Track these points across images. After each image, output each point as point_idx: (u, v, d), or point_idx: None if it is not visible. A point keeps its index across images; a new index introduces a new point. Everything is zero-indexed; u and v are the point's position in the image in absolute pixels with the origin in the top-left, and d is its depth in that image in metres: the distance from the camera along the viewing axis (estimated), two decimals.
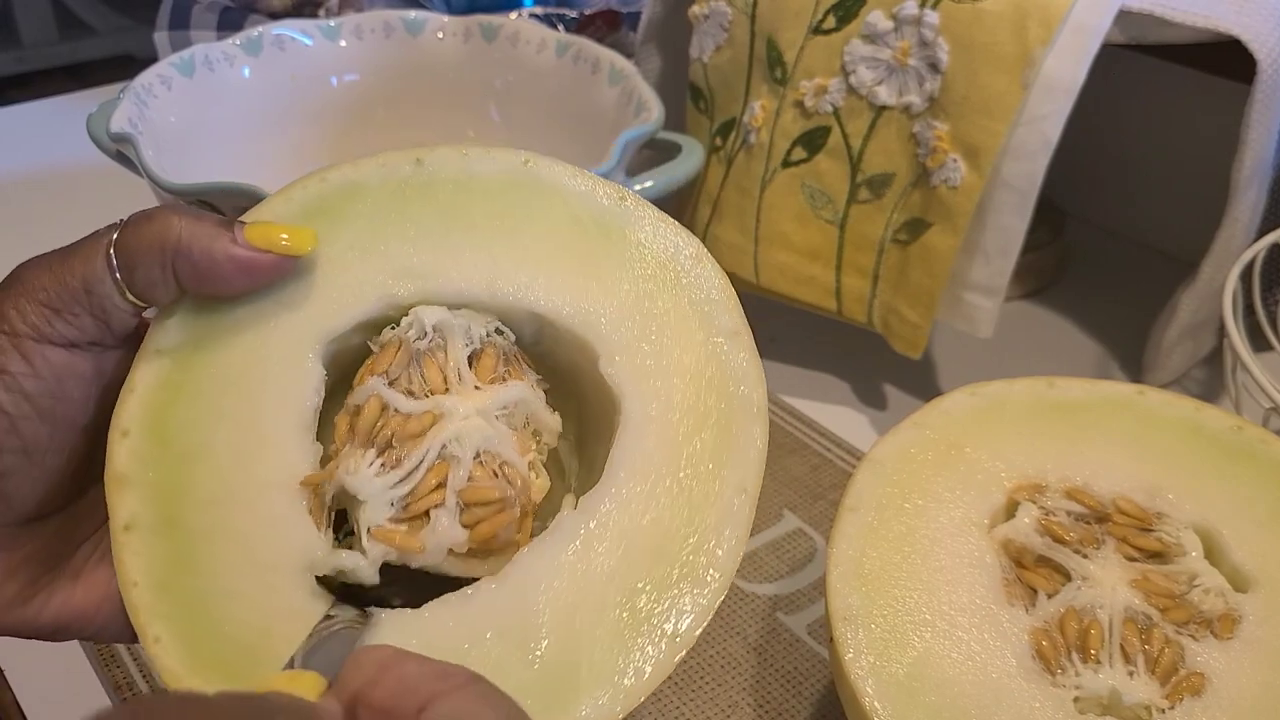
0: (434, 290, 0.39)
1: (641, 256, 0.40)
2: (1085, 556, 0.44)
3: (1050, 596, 0.42)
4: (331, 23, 0.76)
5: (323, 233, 0.38)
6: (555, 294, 0.39)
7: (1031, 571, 0.43)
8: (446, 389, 0.38)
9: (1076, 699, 0.40)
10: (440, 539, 0.36)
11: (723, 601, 0.47)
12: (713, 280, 0.41)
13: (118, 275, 0.35)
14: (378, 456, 0.36)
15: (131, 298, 0.35)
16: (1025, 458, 0.46)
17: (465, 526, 0.36)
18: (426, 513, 0.36)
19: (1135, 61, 0.68)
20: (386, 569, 0.36)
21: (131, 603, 0.34)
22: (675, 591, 0.36)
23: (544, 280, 0.39)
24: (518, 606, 0.35)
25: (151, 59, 0.74)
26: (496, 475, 0.37)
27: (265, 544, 0.35)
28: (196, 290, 0.36)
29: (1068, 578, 0.43)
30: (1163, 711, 0.39)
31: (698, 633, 0.36)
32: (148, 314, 0.37)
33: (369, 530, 0.36)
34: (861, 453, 0.62)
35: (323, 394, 0.38)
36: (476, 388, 0.38)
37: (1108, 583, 0.43)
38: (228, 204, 0.56)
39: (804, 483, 0.61)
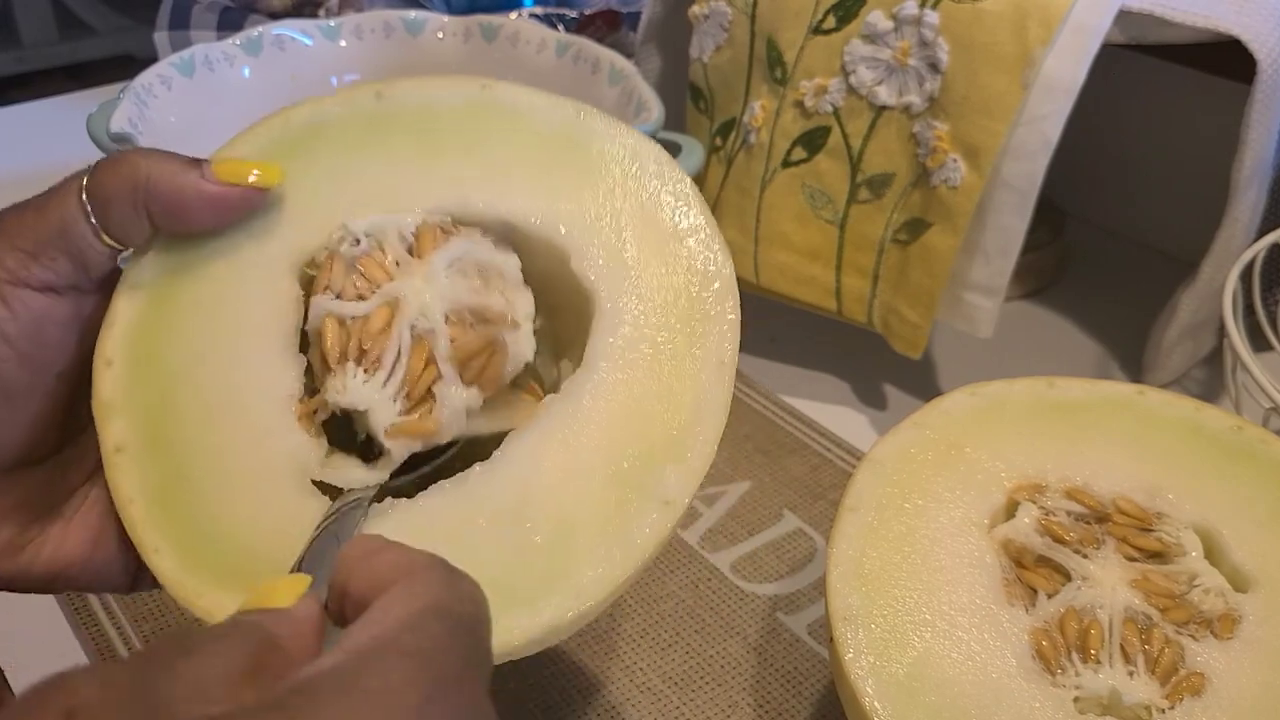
0: (406, 209, 0.40)
1: (605, 164, 0.41)
2: (1085, 556, 0.44)
3: (1050, 596, 0.42)
4: (331, 23, 0.76)
5: (292, 168, 0.39)
6: (524, 202, 0.40)
7: (1031, 571, 0.43)
8: (391, 278, 0.38)
9: (1076, 699, 0.40)
10: (453, 408, 0.37)
11: (724, 601, 0.47)
12: (678, 180, 0.41)
13: (92, 217, 0.35)
14: (358, 367, 0.37)
15: (107, 239, 0.36)
16: (1025, 458, 0.46)
17: (470, 384, 0.37)
18: (429, 392, 0.37)
19: (1135, 61, 0.68)
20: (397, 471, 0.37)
21: (129, 518, 0.35)
22: (660, 460, 0.37)
23: (513, 191, 0.40)
24: (509, 487, 0.36)
25: (151, 59, 0.74)
26: (473, 326, 0.38)
27: (257, 453, 0.36)
28: (169, 228, 0.37)
29: (1068, 578, 0.43)
30: (1163, 711, 0.39)
31: (686, 500, 0.37)
32: (122, 259, 0.37)
33: (385, 432, 0.36)
34: (861, 453, 0.62)
35: (302, 312, 0.38)
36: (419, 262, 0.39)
37: (1108, 583, 0.43)
38: None
39: (804, 483, 0.61)
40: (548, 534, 0.36)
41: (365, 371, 0.37)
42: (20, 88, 2.52)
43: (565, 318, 0.42)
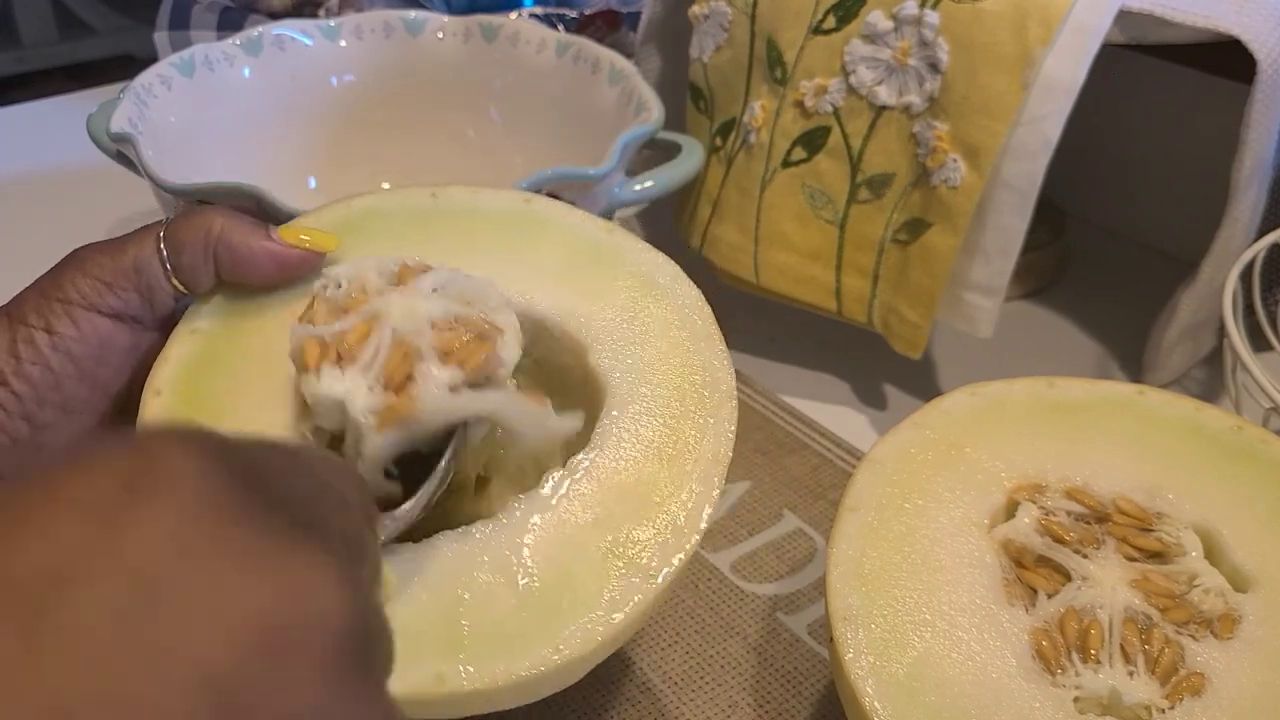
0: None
1: (626, 275, 0.46)
2: (1085, 556, 0.44)
3: (1050, 596, 0.42)
4: (331, 23, 0.76)
5: (346, 245, 0.44)
6: (550, 302, 0.44)
7: (1031, 571, 0.43)
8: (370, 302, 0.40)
9: (1076, 699, 0.40)
10: (432, 384, 0.37)
11: (724, 601, 0.48)
12: (689, 294, 0.46)
13: (166, 261, 0.40)
14: (334, 366, 0.38)
15: (175, 282, 0.41)
16: (1025, 458, 0.46)
17: (450, 366, 0.38)
18: (409, 378, 0.37)
19: (1135, 61, 0.68)
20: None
21: None
22: (654, 533, 0.40)
23: (540, 292, 0.45)
24: (509, 543, 0.39)
25: (151, 59, 0.74)
26: (454, 329, 0.39)
27: None
28: (232, 278, 0.41)
29: (1068, 578, 0.43)
30: (1163, 711, 0.39)
31: (668, 572, 0.39)
32: (182, 303, 0.42)
33: (365, 416, 0.37)
34: (861, 453, 0.62)
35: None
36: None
37: (1108, 583, 0.43)
38: (228, 204, 0.56)
39: (804, 483, 0.61)
40: (538, 591, 0.38)
41: (340, 367, 0.37)
42: (20, 88, 2.52)
43: (578, 404, 0.44)
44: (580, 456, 0.41)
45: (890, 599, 0.42)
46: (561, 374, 0.45)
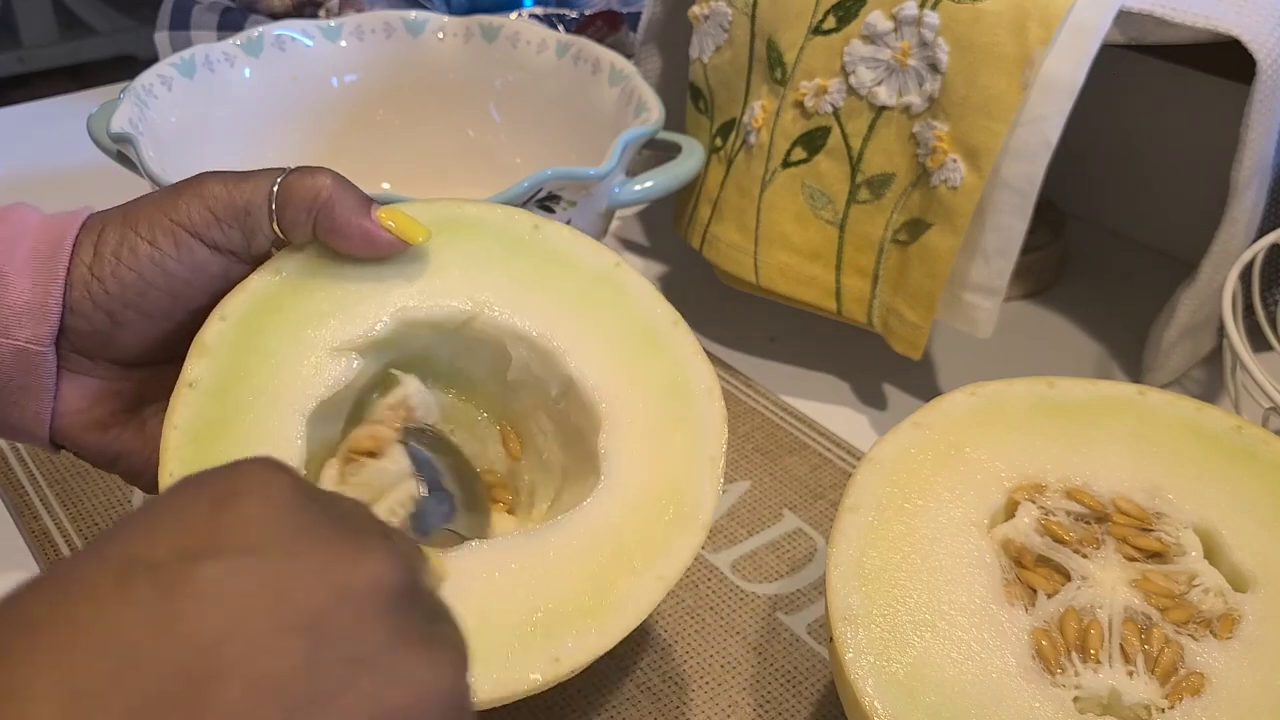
0: (497, 321, 0.46)
1: (669, 372, 0.47)
2: (1085, 556, 0.44)
3: (1050, 596, 0.42)
4: (332, 23, 0.76)
5: (441, 243, 0.46)
6: (591, 370, 0.46)
7: (1031, 571, 0.43)
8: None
9: (1076, 699, 0.40)
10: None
11: (724, 601, 0.48)
12: (712, 409, 0.46)
13: (274, 210, 0.43)
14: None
15: (277, 228, 0.43)
16: (1025, 458, 0.46)
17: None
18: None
19: (1135, 61, 0.68)
20: None
21: (165, 442, 0.41)
22: (658, 542, 0.43)
23: (588, 358, 0.46)
24: (529, 553, 0.42)
25: (152, 59, 0.74)
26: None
27: (270, 448, 0.42)
28: (325, 241, 0.44)
29: (1068, 578, 0.43)
30: (1163, 711, 0.39)
31: (677, 576, 0.42)
32: (276, 248, 0.45)
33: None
34: (861, 453, 0.62)
35: (373, 364, 0.46)
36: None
37: (1108, 583, 0.43)
38: None
39: (804, 483, 0.61)
40: (545, 597, 0.41)
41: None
42: (20, 88, 2.52)
43: (578, 465, 0.47)
44: (588, 491, 0.44)
45: (890, 599, 0.42)
46: (575, 436, 0.47)
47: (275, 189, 0.43)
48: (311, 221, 0.43)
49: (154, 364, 0.46)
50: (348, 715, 0.25)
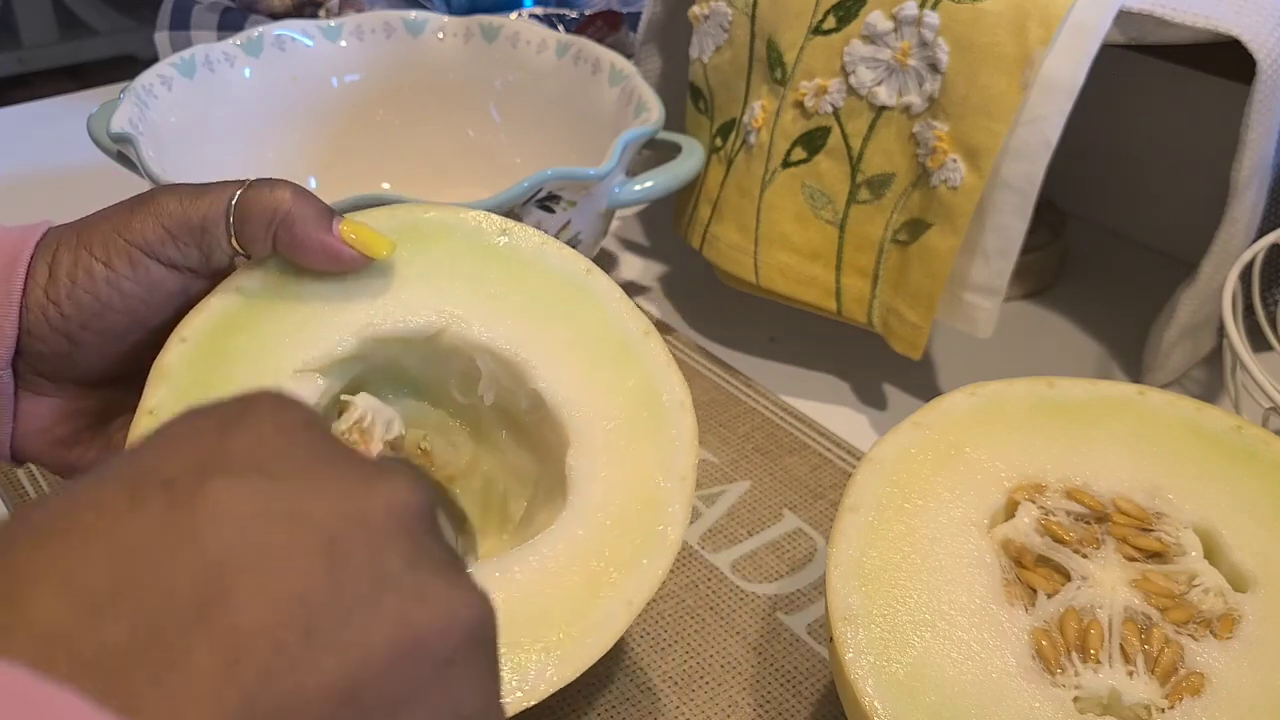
0: (464, 335, 0.45)
1: (636, 384, 0.46)
2: (1085, 556, 0.44)
3: (1050, 596, 0.42)
4: (332, 23, 0.76)
5: (407, 252, 0.45)
6: (561, 385, 0.45)
7: (1031, 571, 0.43)
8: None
9: (1076, 699, 0.40)
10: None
11: (724, 601, 0.48)
12: (684, 422, 0.46)
13: (231, 225, 0.42)
14: None
15: (235, 244, 0.42)
16: (1025, 458, 0.46)
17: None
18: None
19: (1135, 61, 0.68)
20: None
21: None
22: (628, 561, 0.43)
23: (556, 372, 0.46)
24: (499, 582, 0.41)
25: (152, 59, 0.74)
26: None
27: None
28: (286, 256, 0.43)
29: (1068, 578, 0.43)
30: (1163, 711, 0.39)
31: (646, 600, 0.42)
32: (239, 261, 0.44)
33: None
34: (861, 453, 0.62)
35: (338, 382, 0.45)
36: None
37: (1108, 583, 0.43)
38: None
39: (804, 483, 0.61)
40: (515, 628, 0.40)
41: None
42: (20, 88, 2.52)
43: (549, 465, 0.47)
44: (566, 500, 0.44)
45: (890, 599, 0.42)
46: (542, 449, 0.47)
47: (233, 204, 0.42)
48: (271, 237, 0.42)
49: (116, 381, 0.45)
50: (370, 633, 0.24)
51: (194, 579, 0.22)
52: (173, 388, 0.42)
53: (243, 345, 0.43)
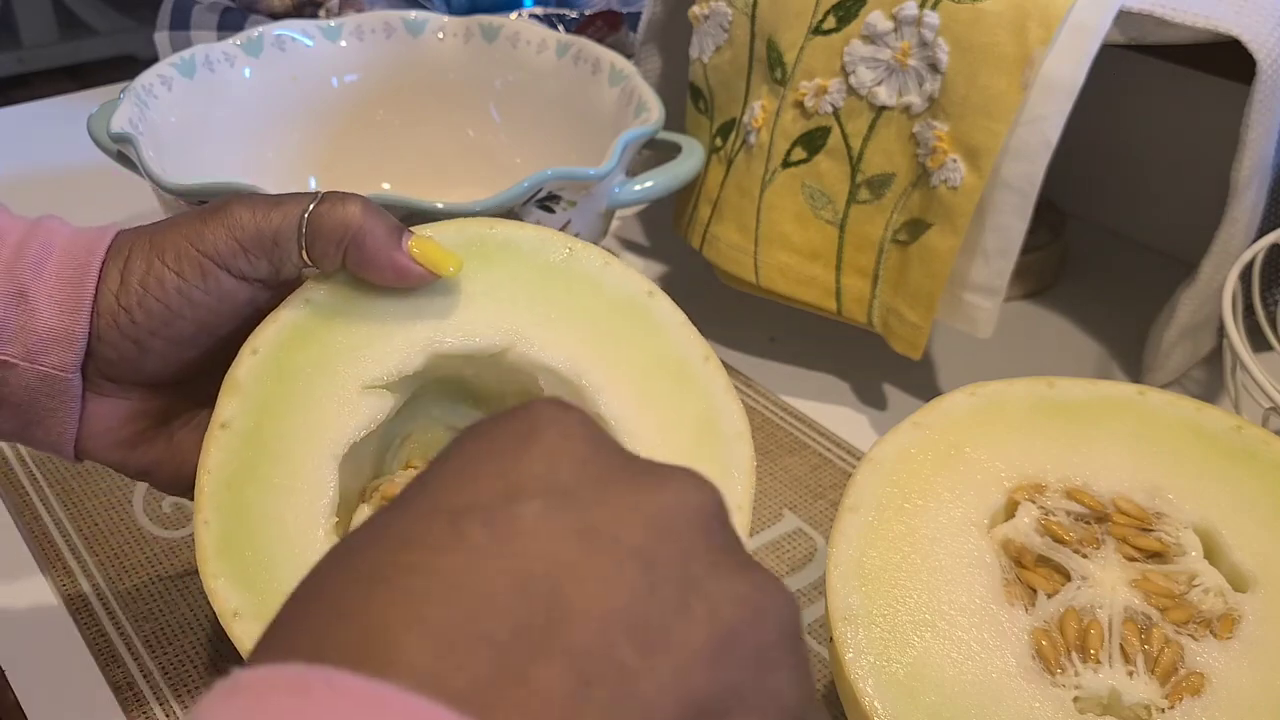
0: (528, 356, 0.45)
1: (695, 411, 0.46)
2: (1085, 556, 0.44)
3: (1050, 596, 0.42)
4: (332, 23, 0.76)
5: (473, 268, 0.45)
6: (622, 408, 0.45)
7: (1031, 571, 0.43)
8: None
9: (1076, 699, 0.40)
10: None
11: None
12: (743, 452, 0.46)
13: (304, 239, 0.42)
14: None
15: (306, 258, 0.43)
16: (1025, 458, 0.46)
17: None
18: None
19: (1135, 61, 0.68)
20: None
21: (200, 486, 0.42)
22: None
23: (618, 396, 0.45)
24: None
25: (152, 59, 0.74)
26: None
27: (304, 493, 0.42)
28: (355, 272, 0.43)
29: (1068, 578, 0.43)
30: (1163, 711, 0.39)
31: None
32: (307, 272, 0.44)
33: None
34: (861, 453, 0.62)
35: (403, 397, 0.45)
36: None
37: (1108, 583, 0.43)
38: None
39: (804, 483, 0.61)
40: None
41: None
42: (20, 88, 2.52)
43: None
44: None
45: (890, 599, 0.42)
46: None
47: (305, 219, 0.42)
48: (341, 253, 0.43)
49: (180, 385, 0.46)
50: (689, 641, 0.24)
51: (529, 607, 0.23)
52: (244, 401, 0.42)
53: (311, 359, 0.43)
